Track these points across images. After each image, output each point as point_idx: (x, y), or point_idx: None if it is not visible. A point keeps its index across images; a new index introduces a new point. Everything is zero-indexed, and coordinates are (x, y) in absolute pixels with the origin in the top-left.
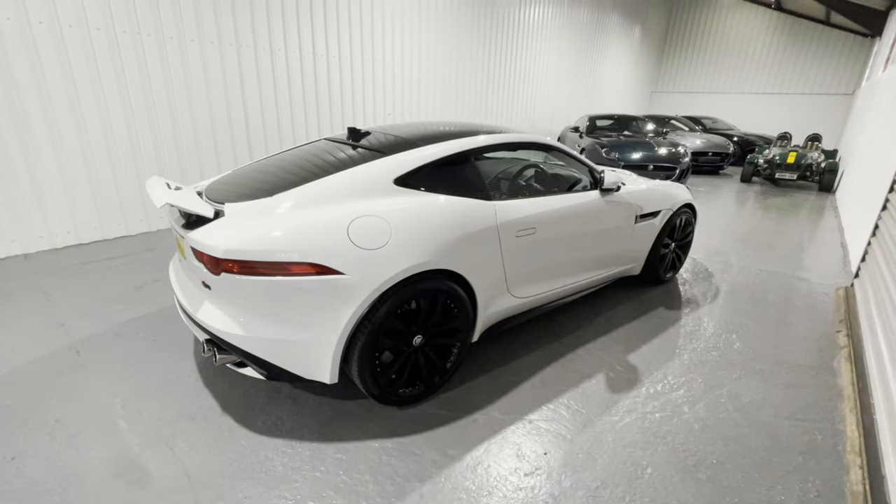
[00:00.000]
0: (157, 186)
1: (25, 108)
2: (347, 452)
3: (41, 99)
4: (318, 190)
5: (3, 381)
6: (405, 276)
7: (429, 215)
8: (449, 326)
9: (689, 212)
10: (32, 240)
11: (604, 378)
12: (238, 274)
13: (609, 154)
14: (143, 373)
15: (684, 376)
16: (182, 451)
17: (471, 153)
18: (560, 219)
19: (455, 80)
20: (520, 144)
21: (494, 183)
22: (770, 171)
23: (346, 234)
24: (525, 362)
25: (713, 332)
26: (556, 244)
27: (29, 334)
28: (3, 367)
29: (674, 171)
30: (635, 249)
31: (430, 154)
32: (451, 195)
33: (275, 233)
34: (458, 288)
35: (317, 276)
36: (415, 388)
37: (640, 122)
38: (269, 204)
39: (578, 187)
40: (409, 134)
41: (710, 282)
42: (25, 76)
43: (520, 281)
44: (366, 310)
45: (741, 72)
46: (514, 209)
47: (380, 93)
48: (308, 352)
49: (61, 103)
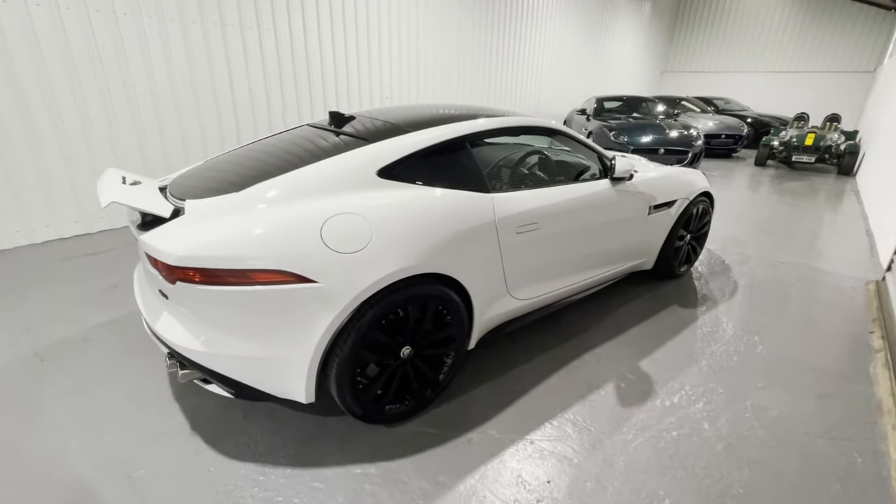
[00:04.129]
0: (109, 181)
1: None
2: (326, 480)
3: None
4: (290, 184)
5: None
6: (389, 283)
7: (416, 212)
8: (441, 335)
9: (706, 200)
10: (8, 234)
11: (614, 388)
12: (194, 283)
13: (617, 138)
14: (110, 384)
15: (703, 386)
16: (141, 478)
17: (466, 139)
18: (566, 212)
19: (456, 62)
20: (522, 129)
21: (493, 173)
22: (786, 154)
23: (319, 235)
24: (526, 370)
25: (733, 333)
26: (562, 240)
27: None
28: None
29: (686, 154)
30: (648, 242)
31: (418, 141)
32: (443, 188)
33: (236, 235)
34: (451, 292)
35: (284, 284)
36: (403, 403)
37: (650, 103)
38: (233, 201)
39: (587, 176)
40: (397, 118)
41: (727, 275)
42: None
43: (521, 281)
44: (343, 322)
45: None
46: (514, 202)
47: (376, 75)
48: (279, 369)
49: (31, 89)
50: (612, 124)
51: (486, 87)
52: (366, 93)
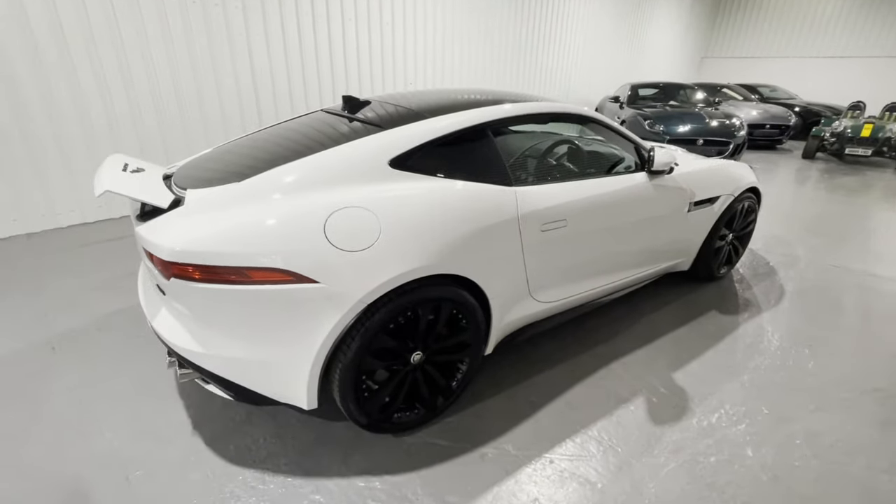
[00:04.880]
0: (109, 168)
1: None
2: (326, 493)
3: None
4: (293, 174)
5: None
6: (397, 285)
7: (431, 206)
8: (455, 340)
9: (752, 197)
10: (35, 218)
11: (644, 403)
12: (189, 280)
13: (653, 127)
14: (117, 377)
15: (745, 405)
16: (138, 480)
17: (487, 127)
18: (597, 208)
19: (483, 46)
20: (550, 116)
21: (517, 164)
22: (839, 146)
23: (323, 231)
24: (548, 379)
25: (780, 344)
26: (592, 239)
27: (11, 325)
28: None
29: (727, 146)
30: (686, 242)
31: (435, 128)
32: (462, 180)
33: (234, 230)
34: (467, 295)
35: (284, 284)
36: (413, 412)
37: (689, 90)
38: (235, 191)
39: (621, 168)
40: (415, 104)
41: (772, 279)
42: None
43: (545, 283)
44: (347, 326)
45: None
46: (540, 196)
47: (399, 60)
48: (279, 374)
49: (56, 74)
50: (647, 113)
51: (514, 73)
52: (389, 78)
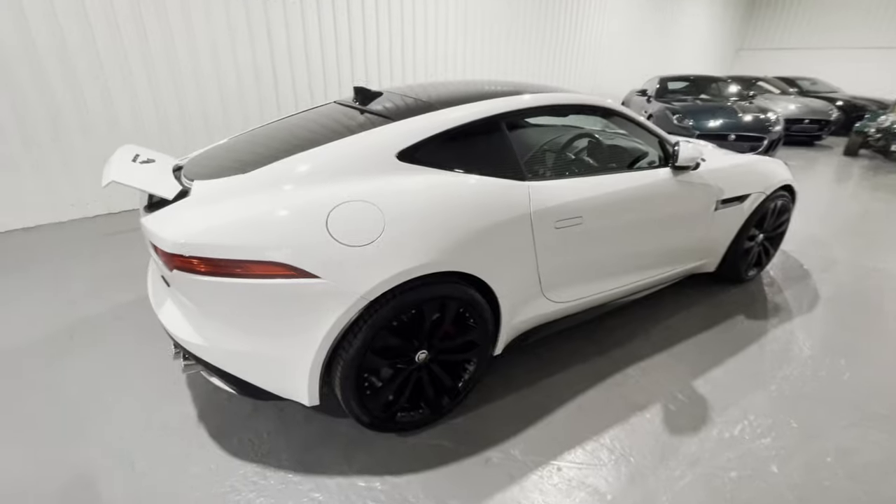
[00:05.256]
0: (119, 159)
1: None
2: (326, 491)
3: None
4: (297, 166)
5: None
6: (401, 282)
7: (438, 201)
8: (462, 340)
9: (786, 195)
10: (63, 208)
11: (661, 411)
12: (190, 272)
13: (681, 121)
14: (129, 366)
15: (772, 417)
16: (142, 469)
17: (501, 119)
18: (616, 204)
19: (507, 38)
20: (569, 108)
21: (533, 157)
22: (885, 143)
23: (325, 225)
24: (560, 381)
25: (811, 353)
26: (610, 237)
27: (34, 311)
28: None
29: (760, 141)
30: (712, 242)
31: (446, 120)
32: (472, 174)
33: (235, 222)
34: (474, 293)
35: (284, 279)
36: (417, 412)
37: (721, 83)
38: (239, 183)
39: (644, 163)
40: (428, 95)
41: (805, 283)
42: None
43: (558, 282)
44: (348, 323)
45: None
46: (554, 192)
47: (420, 51)
48: (279, 369)
49: (82, 68)
50: (676, 106)
51: (538, 66)
52: (409, 70)
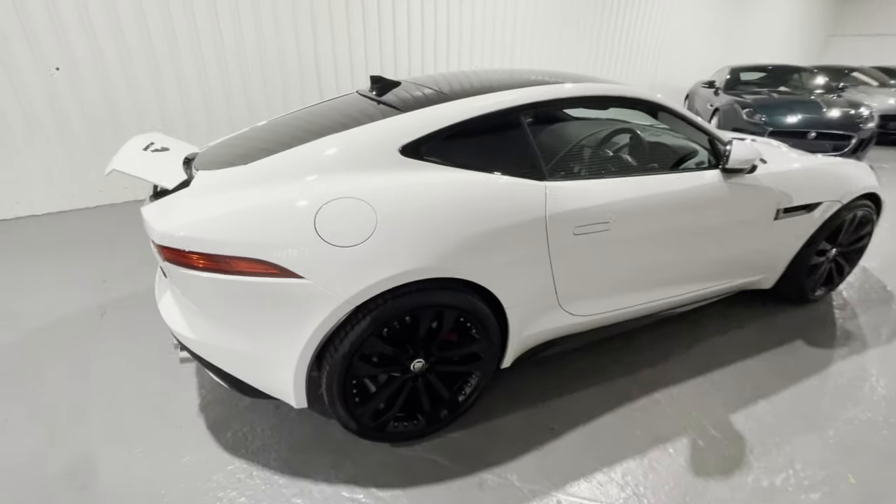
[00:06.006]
0: (130, 147)
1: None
2: (309, 497)
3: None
4: (294, 159)
5: (22, 342)
6: (391, 287)
7: (438, 200)
8: (464, 351)
9: (869, 205)
10: (91, 194)
11: (688, 447)
12: (178, 265)
13: (752, 116)
14: (147, 349)
15: (825, 468)
16: (137, 457)
17: (520, 111)
18: (651, 210)
19: (559, 25)
20: (606, 100)
21: (559, 155)
22: None
23: (313, 222)
24: (574, 402)
25: (885, 393)
26: (642, 245)
27: (72, 288)
28: (33, 324)
29: (847, 140)
30: (770, 255)
31: (456, 112)
32: (482, 171)
33: (223, 216)
34: (477, 302)
35: (267, 277)
36: (412, 422)
37: (805, 74)
38: (237, 175)
39: (690, 164)
40: (451, 85)
41: (887, 308)
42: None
43: (579, 293)
44: (333, 327)
45: None
46: (576, 194)
47: (466, 38)
48: (266, 369)
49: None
50: (747, 100)
51: (592, 55)
52: (454, 60)
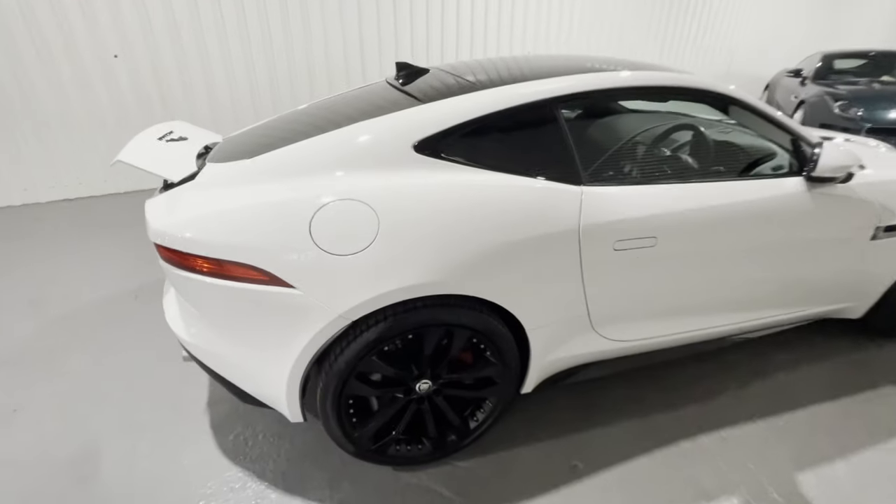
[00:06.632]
0: (144, 137)
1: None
2: None
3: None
4: (296, 155)
5: (54, 323)
6: (392, 302)
7: (449, 205)
8: (477, 374)
9: None
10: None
11: None
12: (170, 264)
13: (846, 110)
14: (169, 338)
15: None
16: (141, 453)
17: (556, 104)
18: (711, 223)
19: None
20: (665, 90)
21: (601, 155)
22: None
23: (308, 226)
24: (603, 437)
25: None
26: (698, 265)
27: (109, 271)
28: (69, 306)
29: None
30: (862, 279)
31: (480, 104)
32: (506, 172)
33: (215, 214)
34: (494, 322)
35: (256, 283)
36: (417, 446)
37: None
38: (240, 170)
39: (766, 168)
40: (487, 73)
41: None
42: None
43: (616, 316)
44: (326, 343)
45: None
46: (618, 201)
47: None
48: (259, 379)
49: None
50: (841, 91)
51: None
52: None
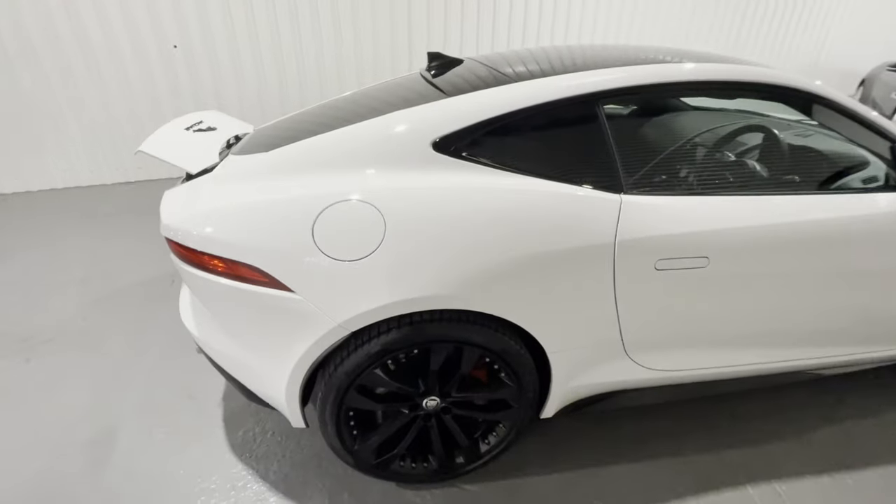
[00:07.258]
0: (171, 126)
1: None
2: None
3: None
4: (308, 150)
5: (102, 302)
6: (395, 314)
7: (465, 211)
8: (490, 396)
9: None
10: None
11: None
12: (177, 256)
13: None
14: None
15: None
16: (155, 440)
17: (597, 100)
18: (781, 244)
19: None
20: (734, 86)
21: (648, 159)
22: None
23: (311, 227)
24: (632, 475)
25: None
26: (759, 290)
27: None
28: (113, 286)
29: None
30: None
31: (508, 100)
32: (535, 176)
33: (222, 210)
34: (511, 342)
35: (256, 285)
36: (422, 464)
37: None
38: (255, 163)
39: (853, 180)
40: (526, 65)
41: None
42: None
43: (653, 342)
44: (324, 353)
45: None
46: (663, 213)
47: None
48: (263, 380)
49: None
50: None
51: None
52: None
